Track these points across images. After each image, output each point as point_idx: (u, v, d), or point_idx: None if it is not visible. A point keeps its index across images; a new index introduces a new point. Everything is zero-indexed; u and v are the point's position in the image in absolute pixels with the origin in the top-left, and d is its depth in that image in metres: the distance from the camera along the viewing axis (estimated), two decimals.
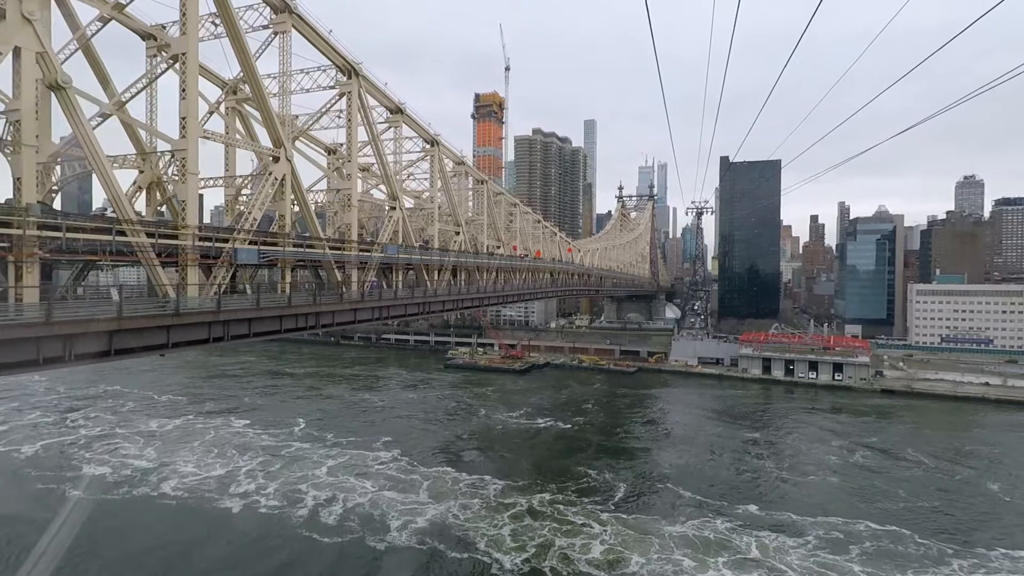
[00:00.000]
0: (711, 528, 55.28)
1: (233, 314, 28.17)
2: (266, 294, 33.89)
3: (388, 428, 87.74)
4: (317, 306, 35.02)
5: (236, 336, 29.16)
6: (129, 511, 57.70)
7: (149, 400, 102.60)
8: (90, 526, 53.16)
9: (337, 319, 37.98)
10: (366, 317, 41.65)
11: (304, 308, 33.80)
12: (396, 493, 62.22)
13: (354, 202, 42.30)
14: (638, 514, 58.37)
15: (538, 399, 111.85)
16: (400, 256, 47.81)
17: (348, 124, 41.90)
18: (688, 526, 55.58)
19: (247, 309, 29.26)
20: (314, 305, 34.66)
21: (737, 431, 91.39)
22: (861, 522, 56.51)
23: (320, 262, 38.44)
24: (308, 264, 38.45)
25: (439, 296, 52.86)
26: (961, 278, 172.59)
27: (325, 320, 36.72)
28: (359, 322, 40.99)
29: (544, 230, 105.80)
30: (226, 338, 28.39)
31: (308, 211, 37.40)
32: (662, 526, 55.39)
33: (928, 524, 57.11)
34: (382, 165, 46.68)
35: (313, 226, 38.03)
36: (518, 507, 59.03)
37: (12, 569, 45.07)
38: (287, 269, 35.04)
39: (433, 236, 57.50)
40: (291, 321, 33.27)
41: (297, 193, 36.24)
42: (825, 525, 55.94)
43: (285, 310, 32.08)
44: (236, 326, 28.98)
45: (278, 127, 33.70)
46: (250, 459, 72.15)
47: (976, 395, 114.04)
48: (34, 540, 46.94)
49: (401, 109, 48.97)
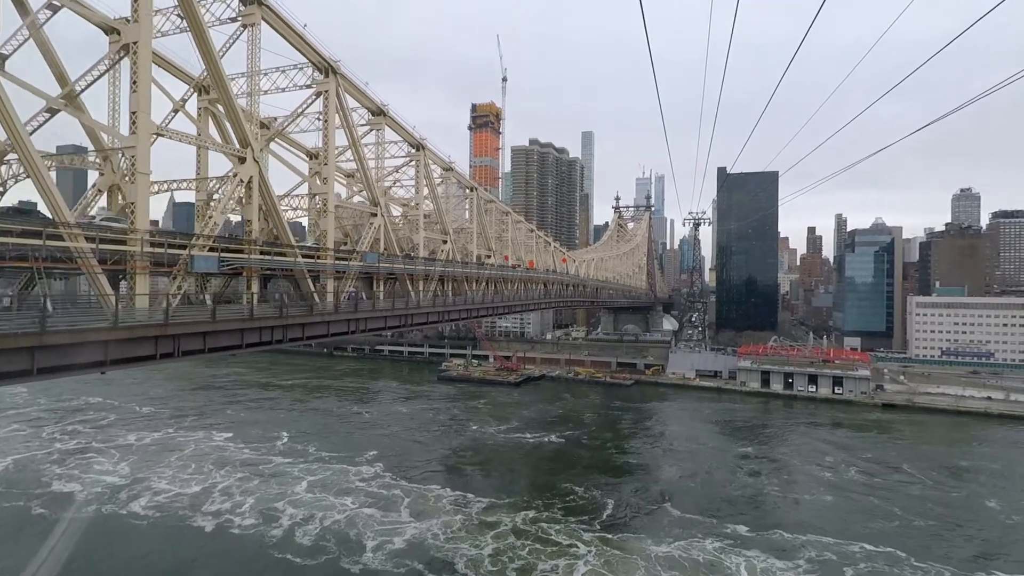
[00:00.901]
0: (699, 548, 53.08)
1: (185, 327, 25.74)
2: (228, 305, 31.58)
3: (373, 442, 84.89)
4: (284, 318, 32.54)
5: (189, 352, 26.70)
6: (94, 531, 54.79)
7: (130, 412, 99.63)
8: (51, 550, 50.24)
9: (308, 332, 35.48)
10: (340, 330, 39.20)
11: (269, 321, 31.37)
12: (376, 511, 59.59)
13: (330, 208, 40.06)
14: (624, 533, 56.17)
15: (530, 413, 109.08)
16: (381, 265, 45.48)
17: (325, 125, 39.82)
18: (675, 546, 53.34)
19: (201, 322, 26.82)
20: (280, 317, 32.19)
21: (733, 446, 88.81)
22: (855, 543, 54.31)
23: (292, 271, 36.17)
24: (281, 274, 36.07)
25: (422, 308, 50.42)
26: (961, 290, 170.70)
27: (294, 333, 34.29)
28: (333, 336, 38.52)
29: (538, 240, 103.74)
30: (176, 354, 25.95)
31: (277, 216, 35.17)
32: (648, 546, 53.22)
33: (926, 545, 54.81)
34: (362, 169, 44.53)
35: (283, 232, 35.79)
36: (502, 526, 56.61)
37: None
38: (253, 279, 32.74)
39: (418, 245, 55.25)
40: (254, 335, 30.80)
41: (265, 196, 34.03)
42: (817, 545, 53.76)
43: (246, 323, 29.65)
44: (189, 341, 26.53)
45: (243, 125, 31.54)
46: (227, 475, 69.27)
47: (978, 410, 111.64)
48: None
49: (383, 111, 46.93)
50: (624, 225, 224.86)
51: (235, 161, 32.34)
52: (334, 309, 37.18)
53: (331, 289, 39.20)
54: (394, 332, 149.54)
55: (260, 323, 30.75)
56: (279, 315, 31.93)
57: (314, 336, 36.59)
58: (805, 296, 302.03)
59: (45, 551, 43.82)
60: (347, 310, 38.89)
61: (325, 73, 39.01)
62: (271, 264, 33.71)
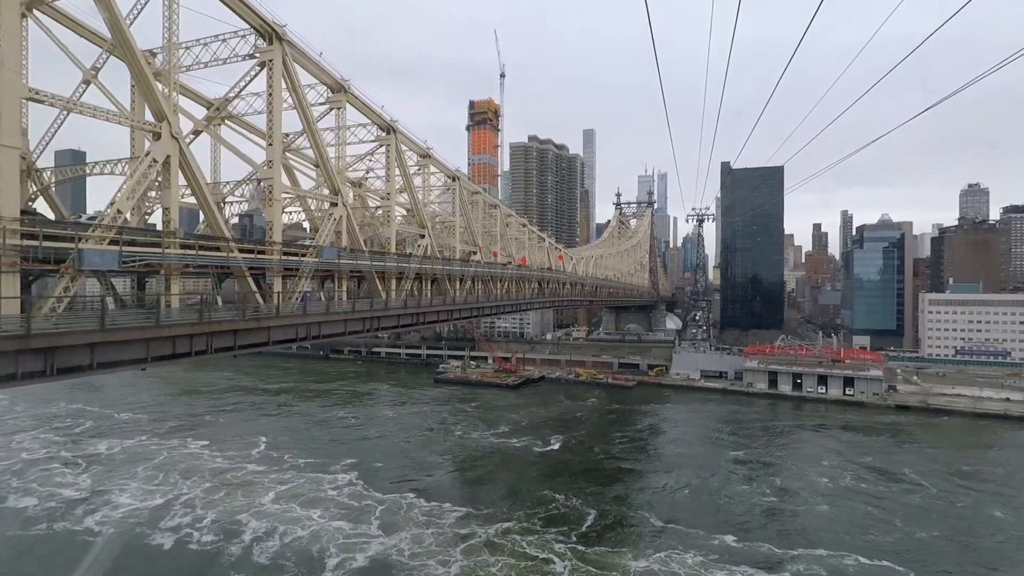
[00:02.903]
0: (679, 562, 49.45)
1: (58, 339, 21.01)
2: (138, 309, 27.00)
3: (353, 449, 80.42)
4: (207, 324, 27.60)
5: (68, 369, 21.89)
6: (37, 552, 50.47)
7: (107, 419, 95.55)
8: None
9: (242, 340, 30.54)
10: (286, 337, 34.31)
11: (184, 328, 26.47)
12: (344, 523, 55.51)
13: (276, 196, 35.33)
14: (603, 546, 52.22)
15: (524, 417, 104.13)
16: (342, 261, 40.62)
17: (269, 101, 35.12)
18: (654, 559, 49.64)
19: (85, 332, 22.07)
20: (200, 324, 27.26)
21: (733, 451, 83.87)
22: (849, 555, 50.56)
23: (228, 269, 31.44)
24: (213, 271, 31.23)
25: (391, 309, 45.45)
26: (976, 287, 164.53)
27: (223, 342, 29.35)
28: (277, 343, 33.60)
29: (531, 235, 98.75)
30: (49, 372, 21.24)
31: (207, 204, 30.54)
32: (627, 560, 49.42)
33: (929, 560, 50.52)
34: (318, 153, 39.76)
35: (214, 222, 31.17)
36: (475, 539, 52.68)
37: None
38: (173, 277, 28.01)
39: (390, 239, 50.49)
40: (164, 345, 25.90)
41: (189, 180, 29.44)
42: (808, 559, 49.91)
43: (152, 331, 24.81)
44: (68, 355, 21.79)
45: (156, 93, 26.90)
46: (194, 485, 64.89)
47: (997, 412, 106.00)
48: None
49: (344, 87, 42.09)
50: (626, 222, 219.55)
51: (149, 138, 27.72)
52: (276, 312, 32.33)
53: (278, 288, 34.54)
54: (372, 335, 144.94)
55: (172, 331, 25.87)
56: (198, 320, 27.02)
57: (254, 344, 31.74)
58: (811, 294, 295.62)
59: None
60: (294, 314, 34.04)
61: (268, 40, 34.26)
62: (196, 260, 28.88)
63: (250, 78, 36.14)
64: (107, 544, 51.34)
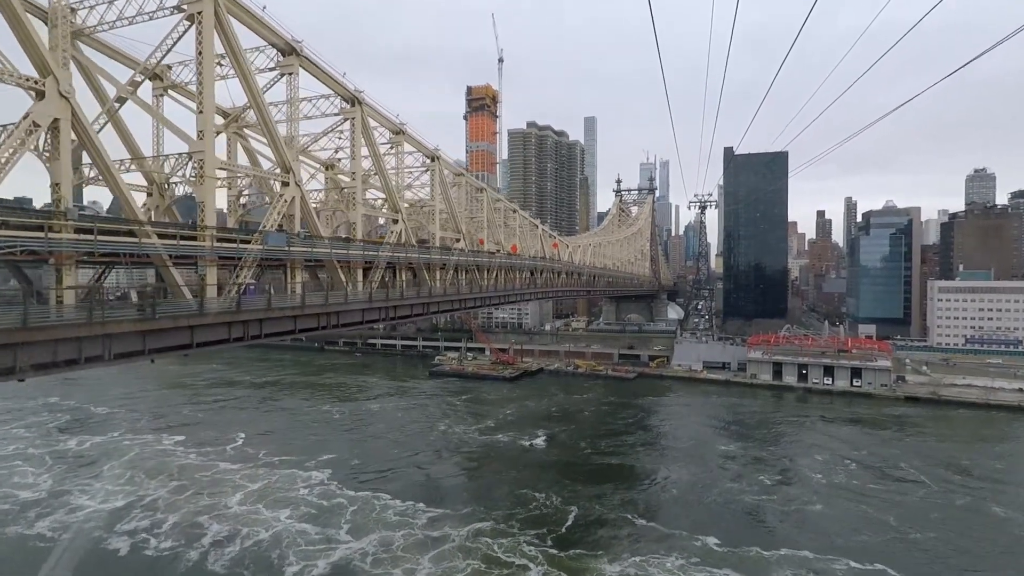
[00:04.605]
0: (657, 565, 46.61)
1: None
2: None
3: (333, 445, 76.81)
4: (98, 325, 22.63)
5: None
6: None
7: (84, 413, 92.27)
8: None
9: (153, 344, 25.82)
10: (216, 337, 29.81)
11: (67, 331, 21.88)
12: (311, 525, 52.22)
13: (209, 171, 30.93)
14: (579, 548, 49.14)
15: (517, 411, 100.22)
16: (294, 249, 36.17)
17: (199, 60, 30.70)
18: (631, 564, 46.67)
19: None
20: (90, 325, 22.35)
21: (729, 446, 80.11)
22: (840, 559, 47.46)
23: (147, 257, 27.13)
24: (125, 261, 26.57)
25: (353, 303, 40.94)
26: (987, 274, 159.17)
27: (124, 347, 24.58)
28: (203, 345, 29.19)
29: (523, 222, 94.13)
30: None
31: (114, 181, 26.29)
32: (603, 564, 46.46)
33: (922, 563, 47.42)
34: (264, 124, 35.38)
35: (125, 202, 26.94)
36: (447, 542, 49.40)
37: None
38: (68, 268, 23.75)
39: (356, 224, 46.09)
40: (43, 351, 21.26)
41: (89, 150, 25.22)
42: (794, 561, 47.18)
43: (20, 335, 20.23)
44: None
45: (35, 39, 22.62)
46: (160, 485, 61.40)
47: (1011, 403, 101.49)
48: None
49: (295, 49, 37.42)
50: (626, 209, 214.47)
51: (32, 96, 23.42)
52: (199, 308, 27.73)
53: (213, 281, 30.23)
54: (332, 331, 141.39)
55: (53, 333, 21.28)
56: (87, 320, 22.31)
57: (172, 347, 27.30)
58: (815, 282, 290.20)
59: None
60: (224, 311, 29.38)
61: None
62: (98, 248, 24.38)
63: (178, 35, 31.69)
64: (56, 551, 47.82)
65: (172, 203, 37.53)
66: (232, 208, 44.16)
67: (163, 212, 37.43)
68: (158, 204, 37.34)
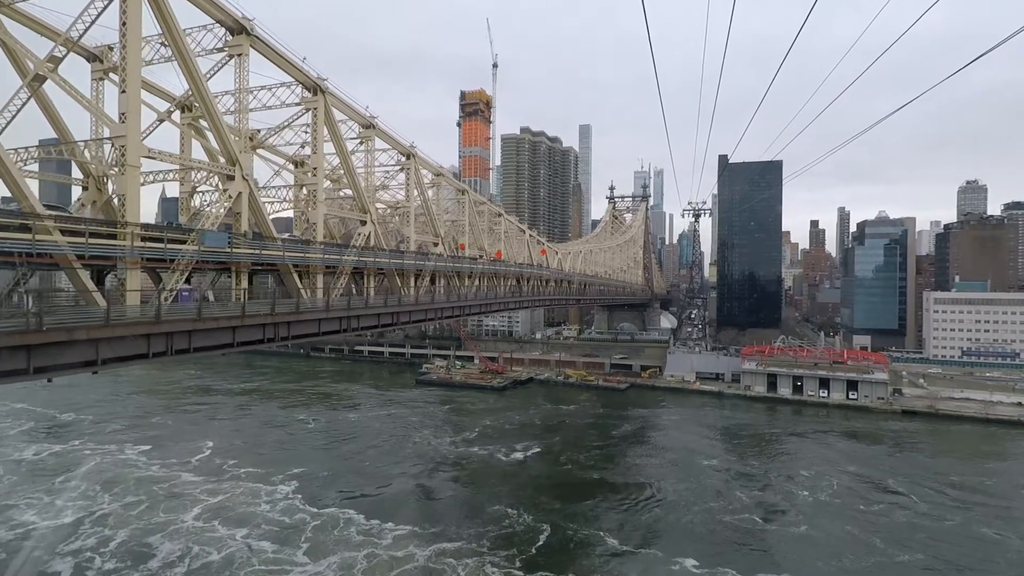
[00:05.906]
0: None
1: None
2: None
3: (302, 457, 73.06)
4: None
5: None
6: None
7: (47, 420, 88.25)
8: None
9: (43, 360, 21.72)
10: (130, 352, 25.72)
11: None
12: (268, 544, 48.95)
13: (132, 160, 27.39)
14: (547, 571, 46.31)
15: (501, 422, 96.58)
16: (237, 251, 32.24)
17: (122, 32, 27.51)
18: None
19: None
20: None
21: (717, 461, 76.74)
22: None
23: (50, 257, 23.43)
24: (21, 261, 22.75)
25: (306, 312, 36.49)
26: (983, 285, 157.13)
27: (9, 363, 20.62)
28: (110, 361, 24.85)
29: (509, 227, 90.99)
30: None
31: (8, 173, 22.80)
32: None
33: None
34: (207, 111, 31.99)
35: (20, 195, 23.43)
36: (412, 563, 46.39)
37: None
38: None
39: (316, 224, 42.53)
40: None
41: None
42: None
43: None
44: None
45: None
46: (114, 499, 57.61)
47: (1011, 417, 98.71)
48: None
49: (245, 27, 34.30)
50: (619, 217, 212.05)
51: None
52: (105, 319, 23.33)
53: (135, 286, 26.61)
54: (280, 344, 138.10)
55: None
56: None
57: (69, 365, 23.19)
58: (809, 291, 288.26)
59: None
60: (143, 319, 25.29)
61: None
62: None
63: (104, 3, 28.47)
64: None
65: (111, 197, 34.08)
66: (184, 205, 41.00)
67: (100, 209, 34.18)
68: (95, 199, 34.22)
